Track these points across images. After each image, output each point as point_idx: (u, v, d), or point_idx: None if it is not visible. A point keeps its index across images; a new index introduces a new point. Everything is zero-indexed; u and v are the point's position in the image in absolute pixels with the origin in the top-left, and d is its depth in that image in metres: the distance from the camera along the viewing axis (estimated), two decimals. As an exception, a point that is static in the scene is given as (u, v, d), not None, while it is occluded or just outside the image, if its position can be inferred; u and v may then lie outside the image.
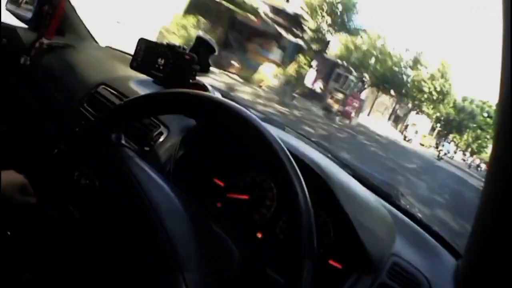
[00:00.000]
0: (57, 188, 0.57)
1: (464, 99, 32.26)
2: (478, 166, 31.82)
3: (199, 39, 0.93)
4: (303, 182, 0.42)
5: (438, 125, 34.04)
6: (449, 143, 31.61)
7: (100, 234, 0.48)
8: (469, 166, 30.71)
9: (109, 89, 1.07)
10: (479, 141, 33.50)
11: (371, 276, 0.63)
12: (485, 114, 32.05)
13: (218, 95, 0.47)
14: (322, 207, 0.74)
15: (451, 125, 33.04)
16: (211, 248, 0.46)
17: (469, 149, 35.03)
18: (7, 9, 1.59)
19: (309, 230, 0.39)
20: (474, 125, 32.45)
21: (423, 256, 0.71)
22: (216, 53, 0.96)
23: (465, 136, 34.11)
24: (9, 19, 1.51)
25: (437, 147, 29.11)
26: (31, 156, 0.58)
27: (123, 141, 0.55)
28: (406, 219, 0.85)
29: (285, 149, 0.43)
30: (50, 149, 1.09)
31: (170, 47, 0.92)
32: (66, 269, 0.53)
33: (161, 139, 0.86)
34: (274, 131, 0.44)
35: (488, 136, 31.72)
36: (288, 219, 0.41)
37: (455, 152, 30.79)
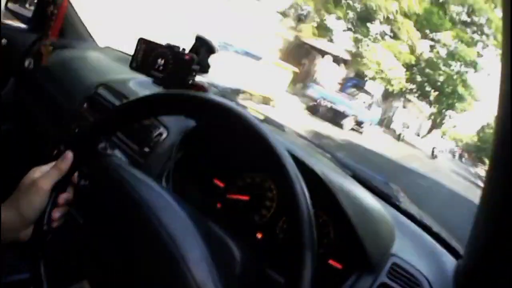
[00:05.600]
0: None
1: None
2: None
3: (199, 39, 0.92)
4: (303, 183, 0.42)
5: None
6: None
7: (102, 237, 0.48)
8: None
9: (109, 89, 1.07)
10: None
11: (371, 276, 0.63)
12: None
13: (217, 96, 0.47)
14: (322, 207, 0.74)
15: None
16: (211, 248, 0.46)
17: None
18: (7, 9, 1.59)
19: (309, 230, 0.39)
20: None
21: (423, 256, 0.71)
22: (216, 53, 0.95)
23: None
24: (9, 19, 1.51)
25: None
26: (31, 157, 0.58)
27: (108, 151, 0.56)
28: (406, 219, 0.85)
29: (285, 149, 0.43)
30: (50, 149, 1.10)
31: (170, 48, 0.91)
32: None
33: (161, 140, 0.86)
34: (273, 132, 0.44)
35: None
36: (288, 219, 0.41)
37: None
